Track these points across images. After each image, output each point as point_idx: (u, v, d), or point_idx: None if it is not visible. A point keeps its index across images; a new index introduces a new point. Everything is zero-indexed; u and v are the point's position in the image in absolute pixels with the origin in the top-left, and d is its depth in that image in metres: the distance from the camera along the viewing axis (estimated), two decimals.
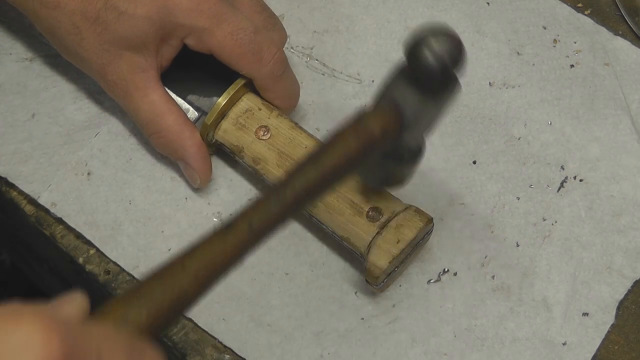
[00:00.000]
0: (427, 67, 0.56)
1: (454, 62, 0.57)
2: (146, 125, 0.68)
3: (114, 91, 0.68)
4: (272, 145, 0.68)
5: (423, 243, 0.68)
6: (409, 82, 0.58)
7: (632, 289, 0.68)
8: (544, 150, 0.72)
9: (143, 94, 0.67)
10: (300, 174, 0.55)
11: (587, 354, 0.66)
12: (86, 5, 0.65)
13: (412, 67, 0.57)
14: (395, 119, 0.58)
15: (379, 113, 0.58)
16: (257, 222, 0.53)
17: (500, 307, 0.68)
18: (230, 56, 0.67)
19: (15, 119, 0.73)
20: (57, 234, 0.70)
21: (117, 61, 0.67)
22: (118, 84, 0.67)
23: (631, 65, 0.75)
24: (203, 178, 0.69)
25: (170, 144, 0.68)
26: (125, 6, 0.65)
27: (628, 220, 0.70)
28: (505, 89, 0.75)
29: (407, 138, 0.60)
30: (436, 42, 0.56)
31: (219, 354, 0.67)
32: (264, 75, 0.68)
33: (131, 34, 0.65)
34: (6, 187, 0.71)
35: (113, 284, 0.69)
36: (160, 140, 0.69)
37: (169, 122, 0.68)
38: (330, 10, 0.77)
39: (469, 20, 0.77)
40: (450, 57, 0.56)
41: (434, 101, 0.59)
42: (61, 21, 0.66)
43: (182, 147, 0.68)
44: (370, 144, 0.57)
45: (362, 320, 0.67)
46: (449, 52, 0.56)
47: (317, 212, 0.67)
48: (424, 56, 0.56)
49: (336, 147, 0.56)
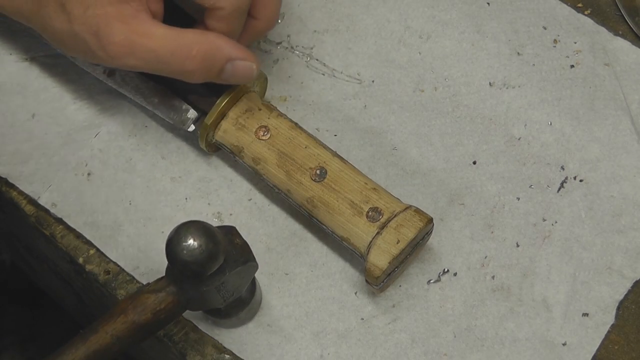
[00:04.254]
0: (182, 263, 0.57)
1: (209, 256, 0.57)
2: (172, 59, 0.64)
3: (118, 52, 0.64)
4: (272, 146, 0.68)
5: (423, 243, 0.68)
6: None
7: (632, 289, 0.68)
8: (544, 151, 0.72)
9: (149, 35, 0.64)
10: (67, 353, 0.57)
11: (587, 354, 0.66)
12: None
13: (172, 262, 0.58)
14: (173, 302, 0.60)
15: (156, 297, 0.59)
16: None
17: (500, 307, 0.68)
18: None
19: (15, 119, 0.73)
20: (57, 234, 0.70)
21: (106, 20, 0.63)
22: (117, 42, 0.63)
23: (631, 65, 0.75)
24: (257, 63, 0.66)
25: (207, 55, 0.64)
26: None
27: (628, 220, 0.70)
28: (506, 89, 0.75)
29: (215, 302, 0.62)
30: (187, 233, 0.57)
31: (219, 354, 0.67)
32: (232, 5, 0.65)
33: None
34: (6, 187, 0.71)
35: (113, 284, 0.69)
36: (195, 61, 0.64)
37: (189, 37, 0.64)
38: (330, 9, 0.77)
39: (469, 20, 0.77)
40: (202, 252, 0.57)
41: (211, 284, 0.60)
42: (48, 6, 0.65)
43: (219, 48, 0.65)
44: (143, 326, 0.59)
45: (362, 320, 0.67)
46: (201, 248, 0.57)
47: (317, 212, 0.67)
48: (177, 251, 0.57)
49: (106, 328, 0.58)
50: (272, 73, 0.75)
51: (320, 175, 0.67)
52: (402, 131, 0.73)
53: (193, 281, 0.59)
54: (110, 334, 0.58)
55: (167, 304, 0.59)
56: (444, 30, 0.76)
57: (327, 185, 0.66)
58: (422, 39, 0.76)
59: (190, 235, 0.57)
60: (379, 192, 0.66)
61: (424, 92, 0.75)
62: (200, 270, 0.58)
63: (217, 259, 0.58)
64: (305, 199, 0.67)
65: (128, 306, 0.59)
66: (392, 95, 0.74)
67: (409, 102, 0.74)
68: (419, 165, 0.72)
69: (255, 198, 0.71)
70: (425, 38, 0.76)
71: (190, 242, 0.57)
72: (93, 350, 0.58)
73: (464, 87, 0.75)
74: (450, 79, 0.75)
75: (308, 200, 0.67)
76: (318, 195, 0.66)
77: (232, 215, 0.70)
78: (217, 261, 0.58)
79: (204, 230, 0.57)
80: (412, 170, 0.72)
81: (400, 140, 0.73)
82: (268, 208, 0.71)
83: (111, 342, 0.58)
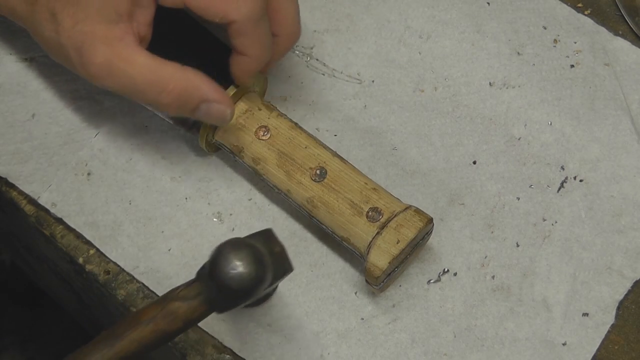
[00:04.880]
0: (228, 288, 0.55)
1: (257, 283, 0.56)
2: (149, 89, 0.63)
3: (96, 73, 0.64)
4: (272, 145, 0.68)
5: (423, 243, 0.68)
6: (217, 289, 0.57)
7: (632, 289, 0.68)
8: (544, 151, 0.72)
9: (130, 61, 0.63)
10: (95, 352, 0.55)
11: (587, 354, 0.66)
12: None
13: (215, 283, 0.56)
14: (206, 311, 0.57)
15: (189, 306, 0.57)
16: None
17: (500, 307, 0.68)
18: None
19: (15, 119, 0.73)
20: (57, 234, 0.70)
21: (92, 39, 0.63)
22: (98, 63, 0.63)
23: (631, 65, 0.75)
24: (232, 108, 0.65)
25: (183, 93, 0.64)
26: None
27: (628, 220, 0.70)
28: (506, 89, 0.75)
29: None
30: (236, 259, 0.55)
31: (219, 354, 0.67)
32: (243, 16, 0.63)
33: (101, 3, 0.63)
34: (6, 187, 0.71)
35: (113, 284, 0.69)
36: (170, 96, 0.64)
37: (169, 71, 0.64)
38: (330, 9, 0.77)
39: (469, 20, 0.77)
40: (250, 279, 0.55)
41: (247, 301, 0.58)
42: (40, 12, 0.65)
43: (196, 88, 0.64)
44: (171, 334, 0.57)
45: (362, 320, 0.67)
46: (249, 271, 0.55)
47: (317, 212, 0.67)
48: (223, 276, 0.55)
49: (133, 336, 0.56)
50: (272, 73, 0.74)
51: (320, 175, 0.67)
52: (402, 131, 0.73)
53: (234, 301, 0.57)
54: (137, 342, 0.56)
55: (200, 313, 0.57)
56: (444, 30, 0.76)
57: (327, 185, 0.66)
58: (422, 39, 0.76)
59: (238, 261, 0.55)
60: (379, 192, 0.66)
61: (424, 92, 0.75)
62: (246, 297, 0.56)
63: (264, 285, 0.56)
64: (305, 199, 0.67)
65: (158, 314, 0.57)
66: (392, 95, 0.74)
67: (409, 102, 0.74)
68: (419, 165, 0.72)
69: (255, 198, 0.71)
70: (425, 38, 0.76)
71: (239, 270, 0.55)
72: (120, 357, 0.56)
73: (464, 87, 0.75)
74: (450, 79, 0.75)
75: (308, 200, 0.67)
76: (318, 195, 0.66)
77: (232, 215, 0.70)
78: (264, 287, 0.56)
79: (254, 256, 0.55)
80: (412, 170, 0.72)
81: (400, 140, 0.73)
82: (268, 208, 0.71)
83: (137, 350, 0.56)
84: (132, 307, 0.68)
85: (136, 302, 0.68)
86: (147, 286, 0.68)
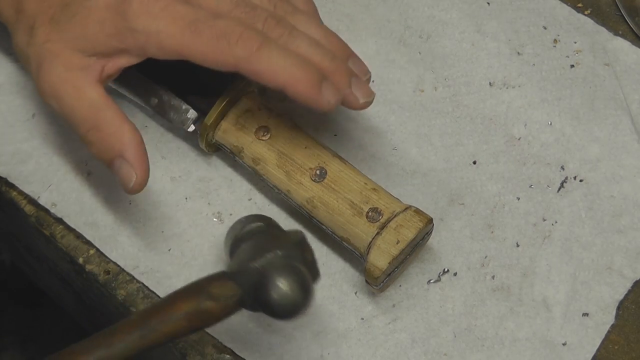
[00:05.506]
0: (272, 312, 0.57)
1: (300, 306, 0.57)
2: (82, 121, 0.64)
3: (45, 90, 0.64)
4: (272, 146, 0.68)
5: (423, 243, 0.68)
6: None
7: (632, 289, 0.68)
8: (544, 151, 0.72)
9: (80, 91, 0.64)
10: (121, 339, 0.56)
11: (587, 354, 0.66)
12: (44, 8, 0.64)
13: (260, 304, 0.57)
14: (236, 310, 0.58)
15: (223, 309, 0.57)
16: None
17: (500, 307, 0.68)
18: (196, 52, 0.62)
19: (15, 119, 0.73)
20: (57, 234, 0.70)
21: (53, 58, 0.63)
22: (49, 82, 0.64)
23: (631, 65, 0.75)
24: (141, 177, 0.64)
25: (109, 139, 0.63)
26: (79, 9, 0.63)
27: (628, 220, 0.70)
28: (506, 89, 0.75)
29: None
30: (284, 286, 0.56)
31: (218, 353, 0.67)
32: (237, 57, 0.62)
33: (81, 35, 0.63)
34: (6, 187, 0.71)
35: (113, 284, 0.69)
36: (97, 136, 0.63)
37: (108, 115, 0.64)
38: (330, 9, 0.77)
39: (469, 20, 0.77)
40: (297, 303, 0.56)
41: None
42: (22, 22, 0.65)
43: (121, 142, 0.64)
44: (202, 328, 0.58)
45: (362, 320, 0.67)
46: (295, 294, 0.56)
47: (317, 212, 0.67)
48: (269, 301, 0.56)
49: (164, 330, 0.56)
50: None
51: (320, 175, 0.67)
52: (402, 131, 0.73)
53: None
54: (166, 334, 0.56)
55: (232, 311, 0.58)
56: (444, 30, 0.76)
57: (327, 186, 0.66)
58: (422, 39, 0.76)
59: (286, 288, 0.56)
60: (379, 192, 0.66)
61: (424, 92, 0.75)
62: (288, 317, 0.57)
63: (306, 306, 0.57)
64: (305, 199, 0.67)
65: (192, 311, 0.56)
66: (392, 95, 0.74)
67: (409, 102, 0.74)
68: (419, 165, 0.72)
69: (255, 198, 0.71)
70: (425, 38, 0.76)
71: (286, 299, 0.56)
72: (146, 348, 0.56)
73: (464, 87, 0.75)
74: (450, 79, 0.75)
75: (308, 200, 0.67)
76: (318, 195, 0.66)
77: (232, 215, 0.70)
78: (305, 308, 0.58)
79: (302, 284, 0.57)
80: (412, 170, 0.72)
81: (400, 140, 0.73)
82: (268, 208, 0.71)
83: (164, 342, 0.57)
84: (132, 307, 0.68)
85: (136, 302, 0.68)
86: (147, 286, 0.68)
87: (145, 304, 0.68)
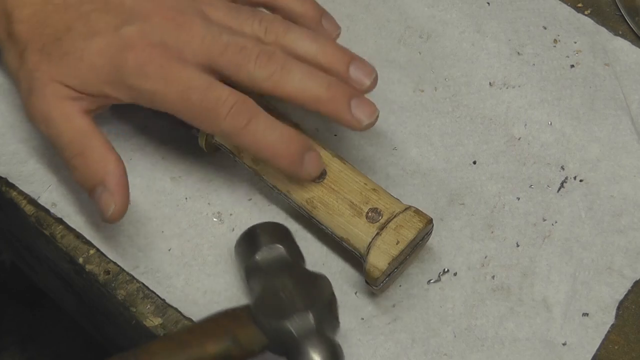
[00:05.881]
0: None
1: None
2: (69, 146, 0.64)
3: (34, 115, 0.65)
4: None
5: (423, 244, 0.68)
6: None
7: (632, 289, 0.68)
8: (544, 151, 0.72)
9: (68, 119, 0.64)
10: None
11: (587, 354, 0.66)
12: (35, 36, 0.65)
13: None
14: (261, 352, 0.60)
15: (252, 352, 0.60)
16: None
17: (500, 307, 0.68)
18: (187, 117, 0.64)
19: (15, 119, 0.73)
20: (57, 234, 0.70)
21: (43, 87, 0.64)
22: (38, 107, 0.64)
23: (631, 65, 0.75)
24: (120, 206, 0.64)
25: (93, 165, 0.64)
26: (71, 49, 0.64)
27: (628, 220, 0.70)
28: (506, 89, 0.75)
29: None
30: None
31: None
32: (225, 131, 0.64)
33: (72, 75, 0.64)
34: (6, 187, 0.71)
35: (113, 284, 0.69)
36: (81, 162, 0.64)
37: (94, 143, 0.64)
38: (330, 9, 0.77)
39: (469, 20, 0.77)
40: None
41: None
42: (13, 44, 0.66)
43: (104, 170, 0.64)
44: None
45: (362, 320, 0.67)
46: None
47: (317, 212, 0.67)
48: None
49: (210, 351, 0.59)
50: None
51: (320, 175, 0.67)
52: (402, 131, 0.73)
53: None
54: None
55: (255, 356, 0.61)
56: (444, 30, 0.76)
57: (326, 186, 0.66)
58: (422, 38, 0.76)
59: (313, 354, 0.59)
60: (379, 192, 0.66)
61: (424, 92, 0.75)
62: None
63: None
64: (305, 200, 0.67)
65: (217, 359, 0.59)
66: (392, 95, 0.74)
67: (409, 102, 0.74)
68: (419, 165, 0.72)
69: (255, 198, 0.71)
70: (425, 38, 0.76)
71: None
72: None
73: (464, 87, 0.75)
74: (450, 79, 0.75)
75: (308, 200, 0.67)
76: (318, 195, 0.66)
77: (232, 216, 0.70)
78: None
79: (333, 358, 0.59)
80: (412, 170, 0.72)
81: (400, 140, 0.73)
82: (268, 208, 0.71)
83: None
84: (132, 307, 0.68)
85: (136, 302, 0.68)
86: (147, 286, 0.68)
87: (145, 304, 0.68)
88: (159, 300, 0.68)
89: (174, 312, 0.67)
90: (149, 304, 0.68)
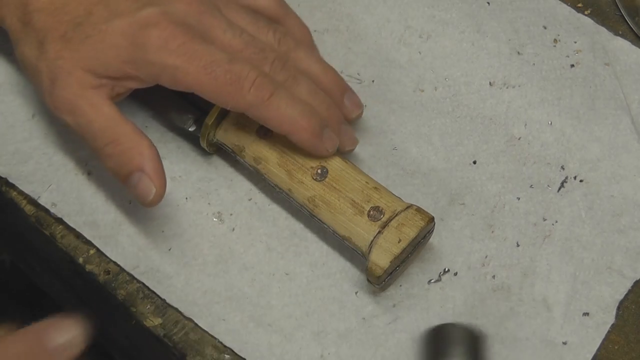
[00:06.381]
0: None
1: None
2: (100, 134, 0.65)
3: (60, 105, 0.65)
4: (273, 145, 0.68)
5: (424, 243, 0.68)
6: None
7: (632, 289, 0.68)
8: (544, 150, 0.72)
9: (96, 107, 0.64)
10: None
11: (587, 354, 0.66)
12: (54, 24, 0.65)
13: None
14: None
15: None
16: None
17: (500, 306, 0.68)
18: (209, 92, 0.64)
19: (15, 119, 0.73)
20: (57, 234, 0.70)
21: (67, 76, 0.64)
22: (64, 97, 0.64)
23: (631, 65, 0.75)
24: (159, 190, 0.65)
25: (127, 152, 0.64)
26: (92, 32, 0.64)
27: (628, 220, 0.70)
28: (506, 88, 0.75)
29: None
30: None
31: (219, 354, 0.67)
32: (249, 103, 0.64)
33: (94, 57, 0.64)
34: (6, 187, 0.71)
35: (113, 284, 0.69)
36: (116, 149, 0.64)
37: (127, 129, 0.65)
38: (330, 9, 0.77)
39: (469, 19, 0.77)
40: None
41: None
42: (30, 34, 0.66)
43: (141, 155, 0.64)
44: None
45: (362, 320, 0.67)
46: None
47: (319, 211, 0.67)
48: None
49: None
50: None
51: (322, 174, 0.67)
52: (402, 131, 0.73)
53: None
54: None
55: None
56: (444, 30, 0.77)
57: (328, 185, 0.66)
58: (422, 38, 0.76)
59: None
60: (380, 191, 0.66)
61: (424, 92, 0.75)
62: None
63: None
64: (307, 199, 0.67)
65: None
66: (392, 95, 0.74)
67: (409, 102, 0.74)
68: (419, 165, 0.72)
69: (255, 198, 0.71)
70: (425, 38, 0.76)
71: None
72: None
73: (464, 86, 0.75)
74: (450, 78, 0.75)
75: (309, 199, 0.67)
76: (319, 194, 0.66)
77: (232, 215, 0.70)
78: None
79: None
80: (412, 170, 0.72)
81: (400, 140, 0.73)
82: (268, 208, 0.71)
83: None
84: (132, 307, 0.68)
85: (136, 302, 0.68)
86: (147, 286, 0.68)
87: (145, 304, 0.68)
88: (159, 300, 0.68)
89: (174, 312, 0.67)
90: (149, 304, 0.68)
